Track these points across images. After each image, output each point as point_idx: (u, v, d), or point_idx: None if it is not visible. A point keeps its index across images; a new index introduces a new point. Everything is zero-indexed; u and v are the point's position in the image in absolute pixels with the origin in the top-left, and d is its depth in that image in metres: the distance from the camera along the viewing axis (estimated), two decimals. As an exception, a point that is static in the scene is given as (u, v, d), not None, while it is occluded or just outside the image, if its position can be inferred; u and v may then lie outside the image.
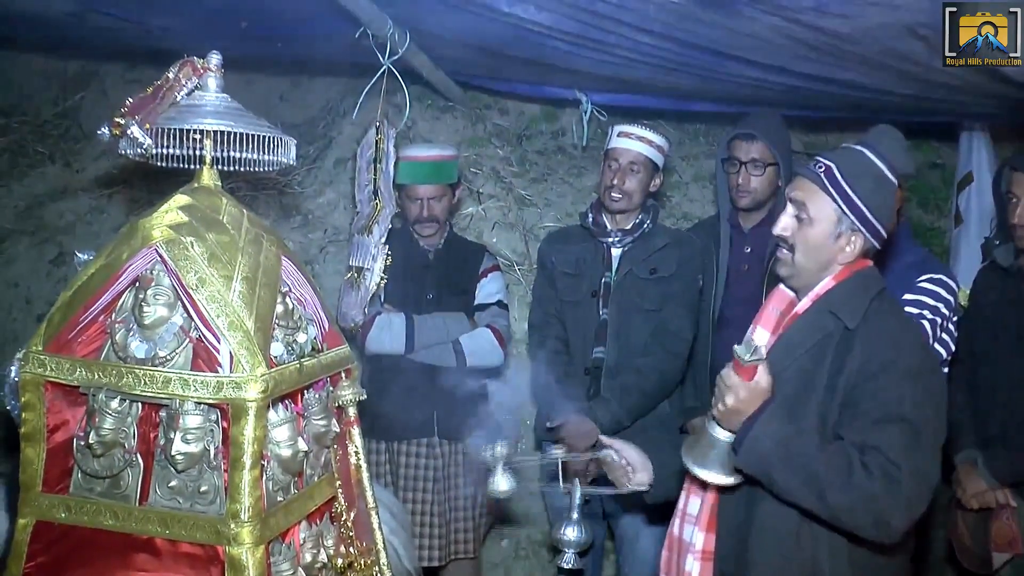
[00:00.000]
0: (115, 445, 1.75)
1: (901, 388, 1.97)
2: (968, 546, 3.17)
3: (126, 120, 1.78)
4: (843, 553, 2.03)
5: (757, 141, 3.21)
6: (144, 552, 1.73)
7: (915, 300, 2.84)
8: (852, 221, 2.07)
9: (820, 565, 2.04)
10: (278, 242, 1.96)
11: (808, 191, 2.11)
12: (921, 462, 1.94)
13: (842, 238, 2.09)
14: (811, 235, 2.10)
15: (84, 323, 1.81)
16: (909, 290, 2.84)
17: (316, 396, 1.94)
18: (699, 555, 2.17)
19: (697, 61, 3.05)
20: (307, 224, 4.35)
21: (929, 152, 4.47)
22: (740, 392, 1.99)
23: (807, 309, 2.12)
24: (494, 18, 2.87)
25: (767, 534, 2.07)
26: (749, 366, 1.98)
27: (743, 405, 1.99)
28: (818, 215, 2.09)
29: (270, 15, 3.19)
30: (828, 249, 2.10)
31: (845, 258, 2.11)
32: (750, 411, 1.98)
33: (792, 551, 2.04)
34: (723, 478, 2.07)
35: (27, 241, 4.48)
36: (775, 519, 2.05)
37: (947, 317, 2.87)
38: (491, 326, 3.49)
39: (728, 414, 2.01)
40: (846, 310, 2.06)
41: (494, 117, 4.55)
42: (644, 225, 3.30)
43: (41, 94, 4.74)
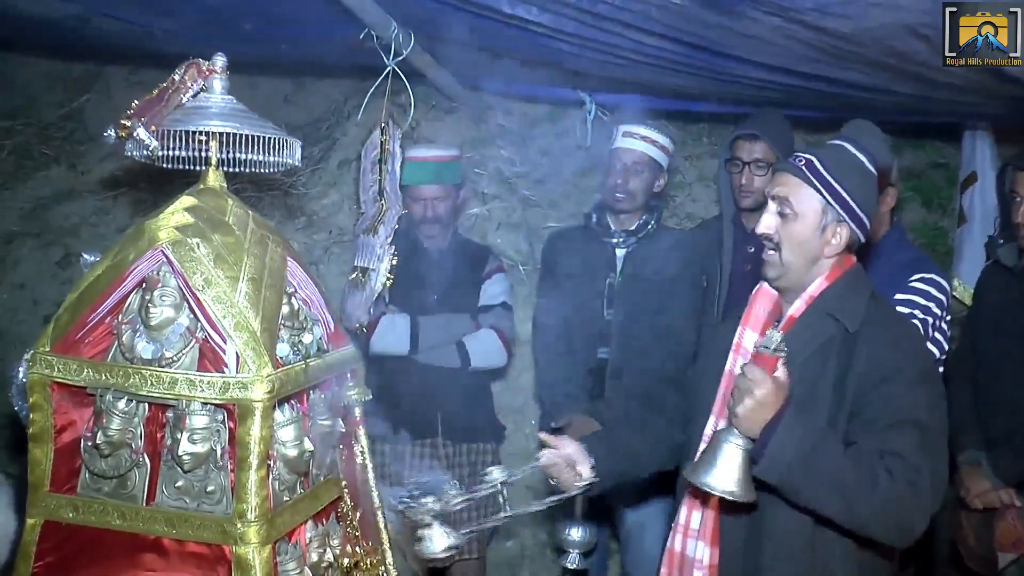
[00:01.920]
0: (122, 445, 1.76)
1: (913, 392, 1.95)
2: (973, 547, 3.17)
3: (132, 122, 1.79)
4: (853, 557, 2.02)
5: (760, 141, 3.22)
6: (151, 552, 1.74)
7: (907, 300, 2.84)
8: (837, 211, 2.06)
9: (832, 571, 2.02)
10: (283, 243, 1.97)
11: (791, 185, 2.08)
12: (936, 462, 1.93)
13: (828, 230, 2.07)
14: (796, 230, 2.07)
15: (91, 324, 1.82)
16: (901, 290, 2.84)
17: (322, 396, 1.95)
18: (706, 570, 2.12)
19: (700, 62, 3.06)
20: (311, 225, 4.36)
21: (932, 152, 4.47)
22: (766, 385, 1.87)
23: (803, 312, 2.09)
24: (497, 19, 2.87)
25: (781, 542, 2.02)
26: (773, 358, 1.90)
27: (769, 399, 1.87)
28: (802, 208, 2.06)
29: (274, 17, 3.20)
30: (814, 243, 2.08)
31: (832, 251, 2.09)
32: (774, 408, 1.88)
33: (805, 557, 2.01)
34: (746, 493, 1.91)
35: (33, 243, 4.49)
36: (789, 527, 2.01)
37: (939, 317, 2.87)
38: (495, 327, 3.50)
39: (750, 412, 1.88)
40: (845, 312, 2.05)
41: (498, 118, 4.54)
42: (648, 225, 3.31)
43: (46, 97, 4.75)
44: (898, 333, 2.06)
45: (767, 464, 1.87)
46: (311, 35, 3.45)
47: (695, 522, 2.17)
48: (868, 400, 1.97)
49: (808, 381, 2.02)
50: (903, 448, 1.89)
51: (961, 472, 3.09)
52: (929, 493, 1.89)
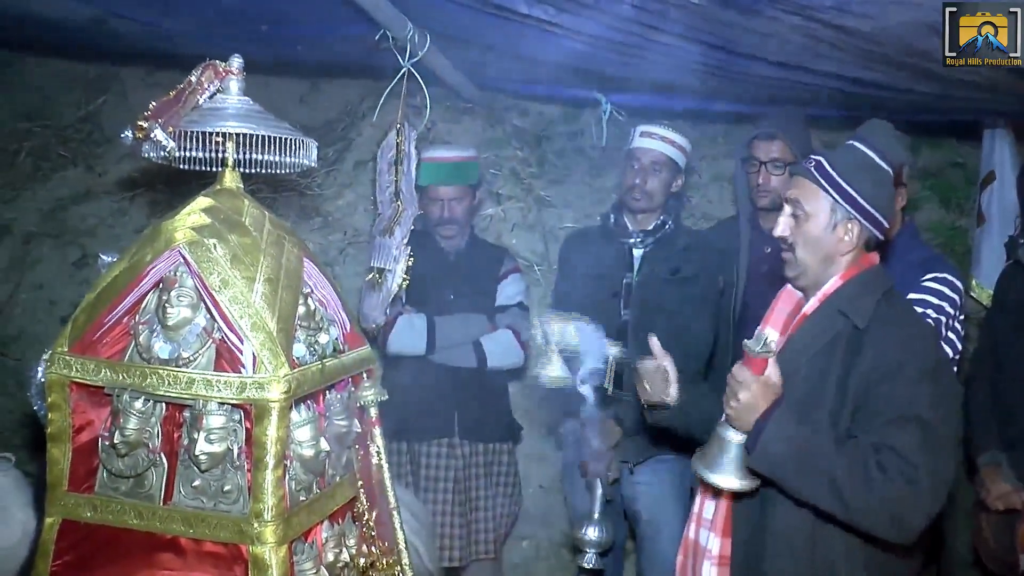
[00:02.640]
0: (139, 445, 1.76)
1: (915, 388, 1.97)
2: (993, 549, 3.15)
3: (149, 123, 1.79)
4: (858, 555, 2.03)
5: (777, 140, 3.20)
6: (168, 551, 1.74)
7: (920, 300, 2.82)
8: (846, 209, 2.10)
9: (836, 567, 2.03)
10: (300, 243, 1.97)
11: (802, 188, 2.15)
12: (937, 461, 1.93)
13: (839, 227, 2.12)
14: (808, 229, 2.13)
15: (108, 324, 1.82)
16: (914, 289, 2.82)
17: (338, 396, 1.95)
18: (716, 560, 2.16)
19: (717, 61, 3.05)
20: (327, 226, 4.37)
21: (951, 151, 4.44)
22: (752, 386, 1.99)
23: (815, 309, 2.14)
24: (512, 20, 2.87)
25: (782, 537, 2.06)
26: (759, 359, 2.00)
27: (755, 399, 1.98)
28: (813, 209, 2.13)
29: (290, 19, 3.21)
30: (826, 241, 2.13)
31: (845, 248, 2.12)
32: (762, 407, 1.98)
33: (807, 554, 2.04)
34: (737, 483, 2.04)
35: (51, 244, 4.52)
36: (790, 522, 2.05)
37: (952, 316, 2.84)
38: (512, 327, 3.50)
39: (740, 411, 2.00)
40: (855, 309, 2.07)
41: (513, 118, 4.55)
42: (666, 226, 3.30)
43: (63, 98, 4.78)
44: (906, 330, 2.07)
45: (759, 454, 1.97)
46: (327, 36, 3.46)
47: (708, 512, 2.24)
48: (871, 396, 2.00)
49: (815, 376, 2.07)
50: (901, 444, 1.91)
51: (981, 474, 3.07)
52: (927, 491, 1.90)
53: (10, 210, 4.58)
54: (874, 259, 2.17)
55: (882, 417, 1.96)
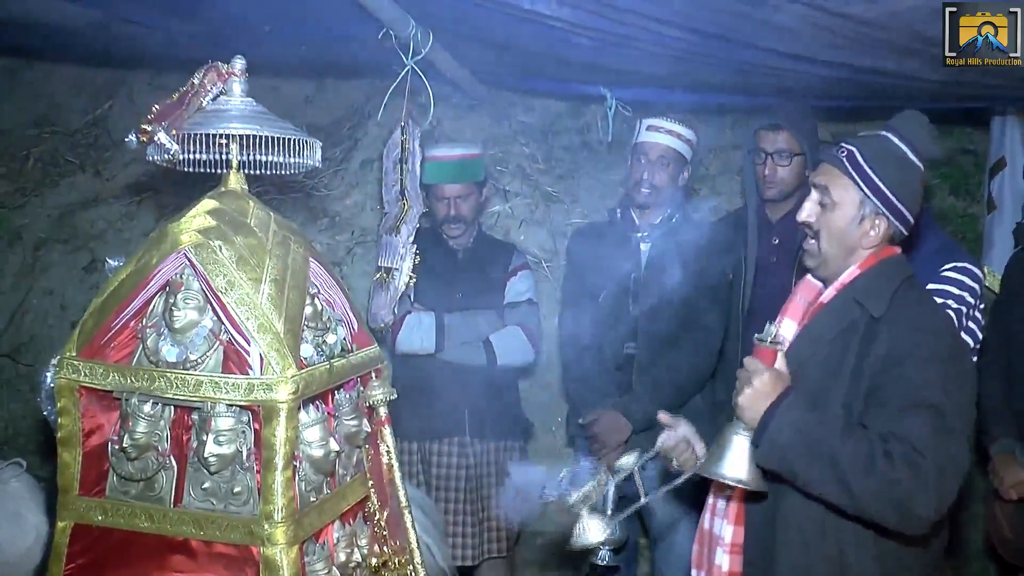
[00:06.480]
0: (148, 448, 1.77)
1: (927, 374, 1.94)
2: (1008, 537, 3.13)
3: (153, 127, 1.79)
4: (869, 545, 2.01)
5: (783, 131, 3.19)
6: (180, 553, 1.75)
7: (940, 290, 2.79)
8: (875, 204, 2.07)
9: (846, 558, 2.01)
10: (306, 244, 1.97)
11: (831, 175, 2.10)
12: (949, 450, 1.89)
13: (865, 221, 2.08)
14: (834, 219, 2.09)
15: (116, 328, 1.83)
16: (933, 279, 2.80)
17: (347, 396, 1.95)
18: (728, 548, 2.15)
19: (722, 52, 3.03)
20: (334, 226, 4.37)
21: (961, 138, 4.41)
22: (763, 375, 1.96)
23: (832, 298, 2.11)
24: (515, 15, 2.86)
25: (792, 527, 2.05)
26: (769, 351, 1.99)
27: (765, 388, 1.96)
28: (841, 199, 2.08)
29: (293, 19, 3.20)
30: (852, 233, 2.09)
31: (869, 242, 2.09)
32: (772, 397, 1.95)
33: (817, 543, 2.02)
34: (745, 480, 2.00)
35: (61, 249, 4.54)
36: (800, 512, 2.03)
37: (973, 306, 2.82)
38: (521, 324, 3.49)
39: (750, 400, 1.97)
40: (871, 298, 2.04)
41: (519, 114, 4.54)
42: (673, 219, 3.29)
43: (71, 104, 4.79)
44: (921, 318, 2.05)
45: (765, 448, 1.94)
46: (330, 36, 3.46)
47: (721, 503, 2.22)
48: (884, 381, 1.97)
49: (829, 365, 2.05)
50: (912, 432, 1.88)
51: (994, 462, 3.05)
52: (935, 478, 1.85)
53: (20, 216, 4.60)
54: (895, 249, 2.15)
55: (893, 404, 1.93)
